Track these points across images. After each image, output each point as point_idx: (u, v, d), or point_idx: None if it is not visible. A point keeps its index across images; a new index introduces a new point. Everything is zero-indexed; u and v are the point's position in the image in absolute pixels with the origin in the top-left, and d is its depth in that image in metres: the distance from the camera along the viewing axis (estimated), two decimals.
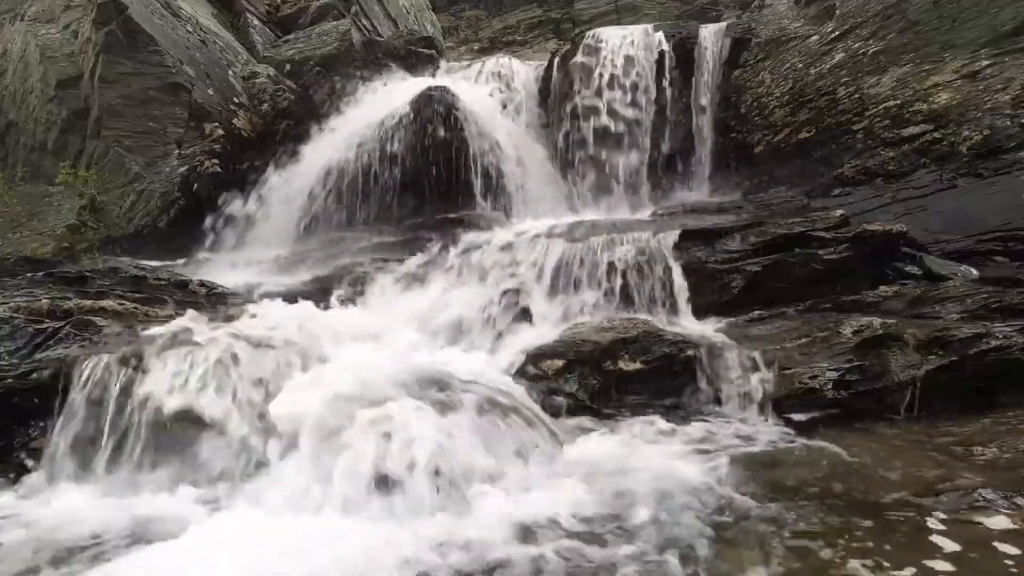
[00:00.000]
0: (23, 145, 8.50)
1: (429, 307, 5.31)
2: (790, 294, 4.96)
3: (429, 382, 3.66)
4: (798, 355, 4.24)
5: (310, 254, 6.80)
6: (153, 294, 5.03)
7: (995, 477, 3.08)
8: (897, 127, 6.26)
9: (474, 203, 6.97)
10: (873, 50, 6.80)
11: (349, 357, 3.95)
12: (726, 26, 8.03)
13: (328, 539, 2.75)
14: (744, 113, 7.40)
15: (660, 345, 4.38)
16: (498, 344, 4.86)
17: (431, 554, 2.66)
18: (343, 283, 5.75)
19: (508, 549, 2.71)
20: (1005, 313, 4.33)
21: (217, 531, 2.88)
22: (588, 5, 16.06)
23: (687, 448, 3.64)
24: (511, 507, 3.02)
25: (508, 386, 4.02)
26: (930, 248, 5.29)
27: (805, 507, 2.94)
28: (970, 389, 3.97)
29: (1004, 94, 5.85)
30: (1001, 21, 6.14)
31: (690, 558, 2.61)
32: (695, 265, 5.14)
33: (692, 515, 2.92)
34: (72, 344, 4.02)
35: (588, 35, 8.16)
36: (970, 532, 2.66)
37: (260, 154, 7.92)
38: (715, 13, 12.82)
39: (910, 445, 3.60)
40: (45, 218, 7.49)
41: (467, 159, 7.04)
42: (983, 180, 5.62)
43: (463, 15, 17.47)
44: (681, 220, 5.83)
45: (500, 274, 5.41)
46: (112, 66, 7.76)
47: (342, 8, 10.09)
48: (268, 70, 8.67)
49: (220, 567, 2.61)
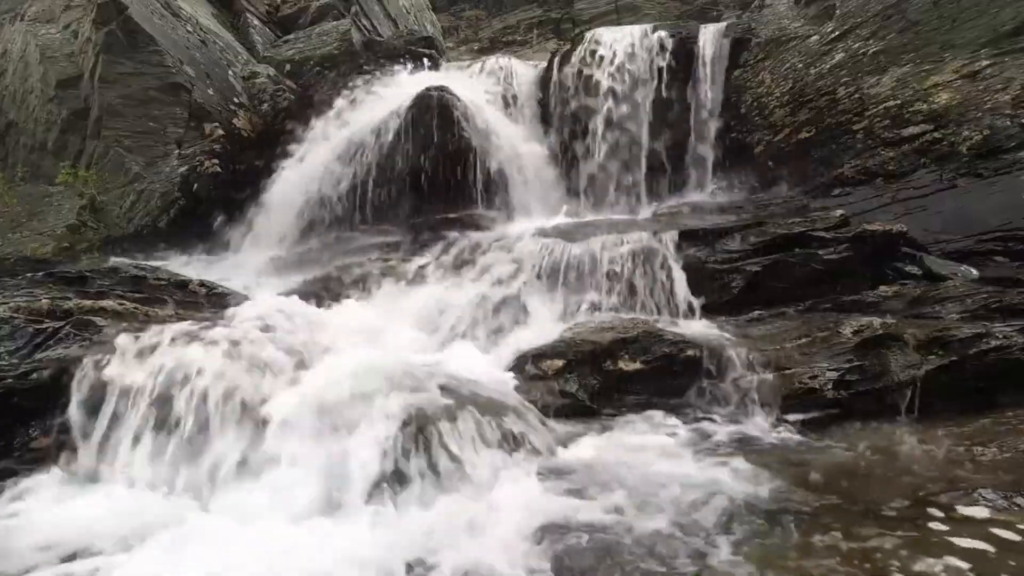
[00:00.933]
0: (23, 145, 8.50)
1: (429, 307, 5.31)
2: (790, 294, 4.96)
3: (427, 382, 3.65)
4: (798, 355, 4.24)
5: (310, 254, 6.80)
6: (153, 294, 5.02)
7: (995, 477, 3.08)
8: (897, 127, 6.26)
9: (474, 203, 6.97)
10: (873, 50, 6.80)
11: (348, 357, 3.94)
12: (726, 26, 8.02)
13: (316, 542, 2.76)
14: (744, 113, 7.40)
15: (660, 345, 4.37)
16: (498, 344, 4.85)
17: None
18: (343, 283, 5.75)
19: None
20: (1005, 313, 4.32)
21: (217, 532, 2.89)
22: (588, 5, 16.06)
23: (687, 448, 3.64)
24: (513, 507, 3.01)
25: (508, 386, 4.02)
26: (930, 248, 5.29)
27: (805, 507, 2.94)
28: (970, 389, 3.97)
29: (1004, 94, 5.85)
30: (1001, 21, 6.14)
31: (688, 555, 2.61)
32: (695, 265, 5.14)
33: (692, 515, 2.92)
34: (72, 344, 4.01)
35: (588, 35, 8.15)
36: (970, 532, 2.65)
37: (260, 154, 7.92)
38: (715, 13, 12.81)
39: (910, 445, 3.60)
40: (45, 218, 7.49)
41: (467, 159, 7.03)
42: (983, 180, 5.61)
43: (463, 15, 17.48)
44: (681, 220, 5.84)
45: (500, 274, 5.41)
46: (112, 66, 7.76)
47: (342, 8, 10.09)
48: (268, 70, 8.67)
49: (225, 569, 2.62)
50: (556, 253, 5.39)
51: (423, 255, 6.07)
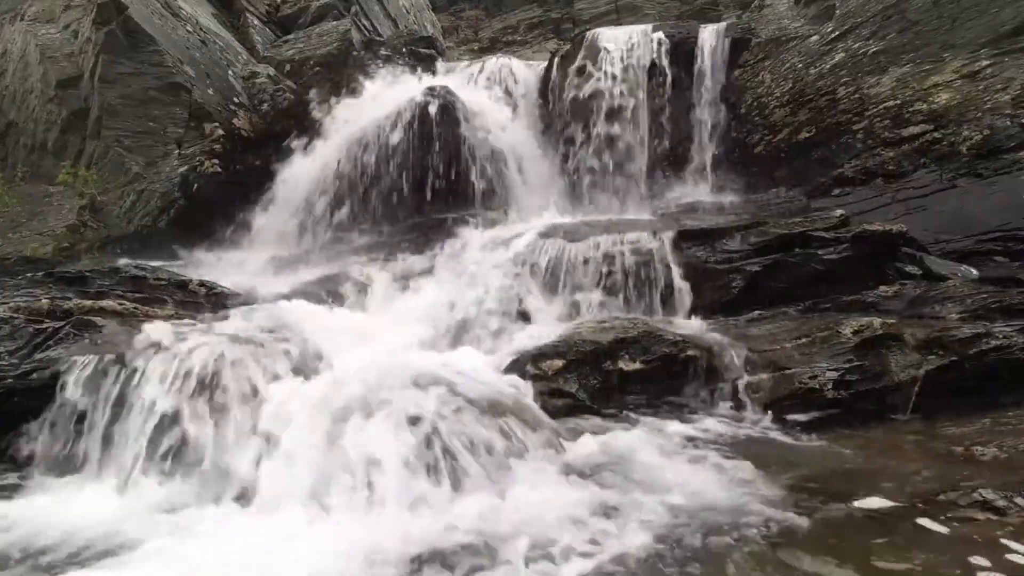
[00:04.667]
0: (23, 145, 8.51)
1: (429, 307, 5.31)
2: (790, 294, 4.97)
3: (428, 382, 3.65)
4: (798, 355, 4.24)
5: (310, 254, 6.81)
6: (153, 294, 5.02)
7: (995, 477, 3.08)
8: (897, 127, 6.26)
9: (474, 203, 6.98)
10: (873, 50, 6.80)
11: (347, 357, 3.94)
12: (726, 26, 8.03)
13: (312, 541, 2.76)
14: (744, 113, 7.40)
15: (660, 345, 4.37)
16: (498, 344, 4.85)
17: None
18: (343, 283, 5.75)
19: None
20: (1005, 313, 4.32)
21: (213, 529, 2.89)
22: (588, 5, 16.07)
23: (687, 448, 3.63)
24: (513, 508, 3.02)
25: (508, 386, 4.02)
26: (930, 248, 5.29)
27: (805, 507, 2.94)
28: (970, 389, 3.96)
29: (1004, 94, 5.85)
30: (1001, 21, 6.14)
31: (689, 557, 2.61)
32: (695, 265, 5.14)
33: (691, 514, 2.92)
34: (72, 344, 4.01)
35: (588, 35, 8.16)
36: (971, 532, 2.65)
37: (260, 154, 7.93)
38: (715, 13, 12.82)
39: (910, 445, 3.60)
40: (45, 218, 7.49)
41: (467, 159, 7.04)
42: (983, 180, 5.61)
43: (463, 15, 17.48)
44: (681, 220, 5.83)
45: (500, 274, 5.41)
46: (112, 66, 7.77)
47: (342, 8, 10.10)
48: (268, 70, 8.67)
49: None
50: (556, 253, 5.39)
51: (423, 255, 6.07)
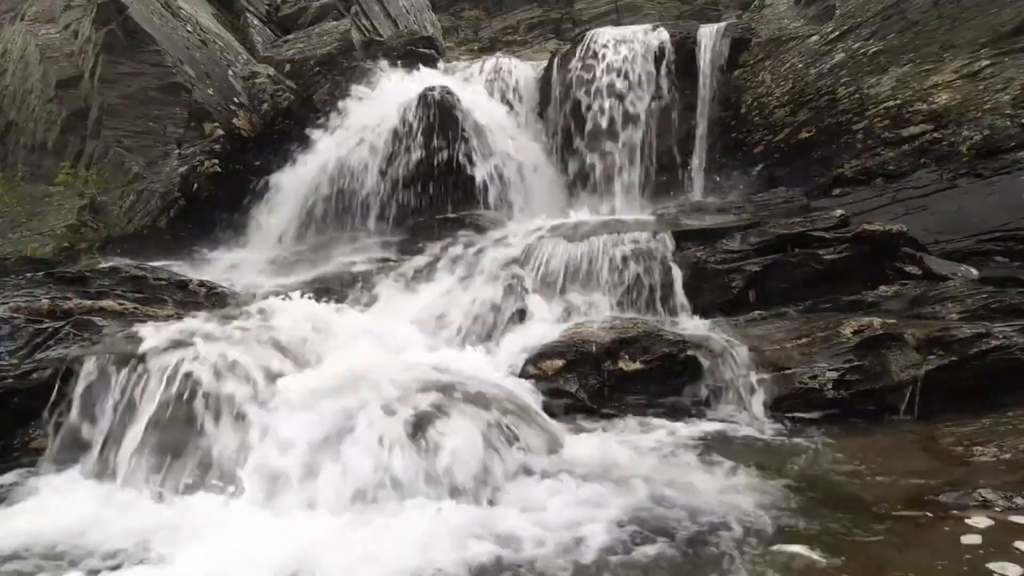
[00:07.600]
0: (23, 145, 8.50)
1: (429, 307, 5.31)
2: (790, 294, 4.97)
3: (428, 382, 3.65)
4: (798, 355, 4.24)
5: (310, 254, 6.80)
6: (153, 294, 5.02)
7: (995, 477, 3.07)
8: (897, 127, 6.27)
9: (474, 203, 6.98)
10: (873, 50, 6.80)
11: (347, 357, 3.94)
12: (726, 26, 8.03)
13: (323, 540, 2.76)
14: (744, 113, 7.41)
15: (660, 345, 4.37)
16: (498, 344, 4.85)
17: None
18: (343, 283, 5.76)
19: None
20: (1005, 313, 4.32)
21: (206, 527, 2.90)
22: (588, 5, 16.09)
23: (687, 448, 3.63)
24: (512, 507, 3.02)
25: (508, 386, 4.02)
26: (930, 248, 5.29)
27: (805, 507, 2.94)
28: (970, 389, 3.96)
29: (1004, 94, 5.86)
30: (1001, 21, 6.15)
31: (688, 557, 2.61)
32: (695, 265, 5.14)
33: (691, 514, 2.92)
34: (72, 344, 4.01)
35: (588, 35, 8.17)
36: (970, 532, 2.65)
37: (260, 154, 7.93)
38: (715, 13, 12.83)
39: (910, 445, 3.60)
40: (45, 218, 7.49)
41: (467, 159, 7.04)
42: (983, 180, 5.62)
43: (463, 15, 17.48)
44: (681, 220, 5.83)
45: (500, 274, 5.41)
46: (112, 66, 7.77)
47: (342, 8, 10.10)
48: (268, 70, 8.67)
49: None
50: (556, 253, 5.39)
51: (423, 255, 6.07)
